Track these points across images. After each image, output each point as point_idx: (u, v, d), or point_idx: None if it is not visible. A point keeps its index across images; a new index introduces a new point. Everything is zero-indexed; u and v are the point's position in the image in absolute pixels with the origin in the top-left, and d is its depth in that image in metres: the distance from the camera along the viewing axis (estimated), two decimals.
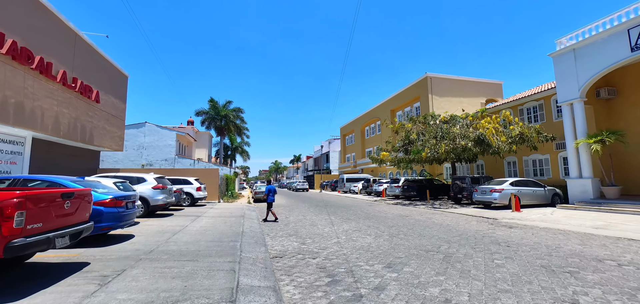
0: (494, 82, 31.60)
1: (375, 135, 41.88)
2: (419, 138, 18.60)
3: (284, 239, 8.07)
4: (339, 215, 13.42)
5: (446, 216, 12.60)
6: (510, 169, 20.14)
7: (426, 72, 29.08)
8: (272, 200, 11.48)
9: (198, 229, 8.88)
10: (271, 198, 11.41)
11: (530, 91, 19.76)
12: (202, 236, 7.79)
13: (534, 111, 18.68)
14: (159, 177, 12.08)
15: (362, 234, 8.75)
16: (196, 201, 17.14)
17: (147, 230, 8.54)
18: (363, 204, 19.07)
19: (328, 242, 7.66)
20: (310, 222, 11.33)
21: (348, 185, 34.31)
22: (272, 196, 11.39)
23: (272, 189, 11.53)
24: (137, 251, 6.00)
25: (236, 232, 8.61)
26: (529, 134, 15.78)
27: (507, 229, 9.38)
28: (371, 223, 10.84)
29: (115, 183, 8.87)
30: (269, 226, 10.59)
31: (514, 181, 14.72)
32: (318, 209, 16.16)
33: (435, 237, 8.15)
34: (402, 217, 12.35)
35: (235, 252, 6.17)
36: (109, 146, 17.07)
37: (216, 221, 10.85)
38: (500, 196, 14.11)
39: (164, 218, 11.24)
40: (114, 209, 6.55)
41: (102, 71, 16.17)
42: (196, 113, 39.63)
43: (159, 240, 7.13)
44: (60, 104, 12.52)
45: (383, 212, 14.30)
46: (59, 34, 12.53)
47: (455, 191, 17.75)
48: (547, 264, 5.46)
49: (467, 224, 10.35)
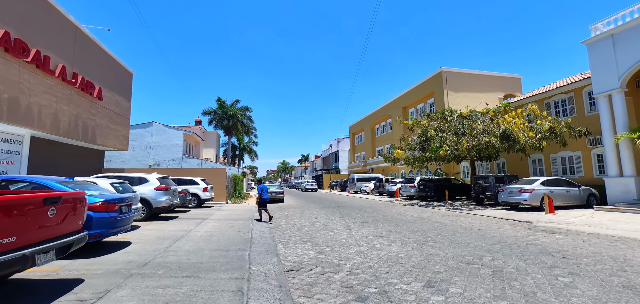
0: (512, 76, 30.08)
1: (386, 133, 40.67)
2: (437, 134, 17.45)
3: (299, 247, 7.14)
4: (354, 217, 12.44)
5: (473, 219, 11.48)
6: (535, 168, 18.80)
7: (441, 66, 27.81)
8: (265, 199, 10.95)
9: (202, 235, 8.02)
10: (265, 196, 10.92)
11: (558, 83, 18.39)
12: (206, 244, 6.92)
13: (563, 105, 17.32)
14: (162, 177, 11.31)
15: (386, 240, 7.75)
16: (203, 202, 16.39)
17: (146, 236, 7.72)
18: (378, 205, 18.03)
19: (349, 251, 6.70)
20: (324, 225, 10.38)
21: (359, 185, 33.24)
22: (265, 195, 10.92)
23: (264, 189, 10.97)
24: (129, 264, 5.14)
25: (244, 238, 7.72)
26: (560, 129, 14.48)
27: (549, 234, 8.26)
28: (392, 227, 9.83)
29: (113, 184, 8.09)
30: (280, 230, 9.69)
31: (545, 180, 13.49)
32: (330, 211, 15.21)
33: (471, 245, 7.10)
34: (424, 220, 11.29)
35: (244, 265, 5.26)
36: (113, 145, 16.44)
37: (223, 224, 10.00)
38: (530, 197, 12.90)
39: (167, 221, 10.46)
40: (106, 214, 5.71)
41: (105, 67, 15.53)
42: (204, 112, 39.14)
43: (158, 249, 6.27)
44: (60, 101, 11.87)
45: (401, 214, 13.25)
46: (57, 26, 11.88)
47: (477, 191, 16.55)
48: (629, 284, 4.38)
49: (500, 229, 9.24)
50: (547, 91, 17.96)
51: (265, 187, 11.04)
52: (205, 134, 44.35)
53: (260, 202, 10.89)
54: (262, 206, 10.94)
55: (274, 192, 22.41)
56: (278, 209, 17.22)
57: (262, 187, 10.94)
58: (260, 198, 10.88)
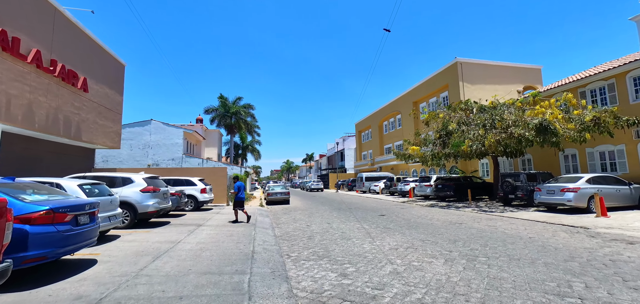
0: (532, 67, 28.17)
1: (395, 130, 38.90)
2: (459, 128, 15.72)
3: (314, 266, 5.53)
4: (372, 222, 10.80)
5: (513, 224, 9.78)
6: (568, 164, 16.98)
7: (456, 57, 26.01)
8: (242, 198, 10.38)
9: (192, 248, 6.44)
10: (241, 196, 10.32)
11: (594, 69, 16.53)
12: (194, 263, 5.34)
13: (602, 93, 15.48)
14: (150, 177, 9.77)
15: (422, 254, 6.11)
16: (201, 205, 14.86)
17: (121, 250, 6.16)
18: (393, 207, 16.36)
19: (380, 271, 5.07)
20: (340, 233, 8.75)
21: (368, 184, 31.52)
22: (241, 193, 10.33)
23: (242, 186, 10.38)
24: (75, 302, 3.57)
25: (244, 253, 6.12)
26: (605, 120, 12.68)
27: (627, 245, 6.55)
28: (421, 235, 8.18)
29: (82, 186, 6.54)
30: (288, 239, 8.09)
31: (591, 177, 11.73)
32: (342, 214, 13.58)
33: (539, 262, 5.44)
34: (456, 226, 9.62)
35: (242, 301, 3.66)
36: (103, 142, 14.97)
37: (220, 232, 8.43)
38: (575, 197, 11.15)
39: (155, 228, 8.91)
40: (51, 227, 4.15)
41: (92, 57, 14.05)
42: (205, 111, 37.70)
43: (127, 273, 4.71)
44: (35, 91, 10.38)
45: (424, 218, 11.58)
46: (30, 5, 10.38)
47: (506, 190, 14.80)
48: None
49: (555, 237, 7.55)
50: (581, 78, 16.13)
51: (242, 185, 10.45)
52: (207, 133, 42.95)
53: (236, 202, 10.24)
54: (237, 206, 10.29)
55: (279, 192, 20.83)
56: (284, 211, 15.64)
57: (239, 186, 10.29)
58: (235, 197, 10.23)
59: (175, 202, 11.45)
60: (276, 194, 20.72)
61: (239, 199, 10.24)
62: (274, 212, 15.42)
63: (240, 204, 10.32)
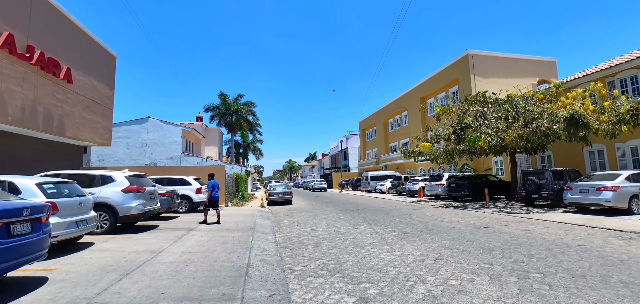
0: (546, 59, 26.81)
1: (401, 127, 37.63)
2: (476, 122, 14.47)
3: (323, 283, 4.35)
4: (386, 225, 9.61)
5: (545, 227, 8.55)
6: (593, 161, 15.67)
7: (467, 48, 24.71)
8: (216, 198, 9.74)
9: (174, 261, 5.29)
10: (215, 195, 9.73)
11: (625, 56, 15.21)
12: (172, 281, 4.18)
13: (634, 82, 14.14)
14: (134, 175, 8.65)
15: (456, 268, 4.91)
16: (197, 206, 13.73)
17: (86, 263, 5.02)
18: (404, 208, 15.15)
19: (411, 294, 3.89)
20: (350, 239, 7.57)
21: (373, 184, 30.29)
22: (215, 193, 9.75)
23: (216, 185, 9.79)
24: None
25: (237, 266, 4.96)
26: None
27: None
28: (447, 242, 6.97)
29: (43, 185, 5.40)
30: (291, 247, 6.92)
31: (631, 174, 10.46)
32: (350, 216, 12.39)
33: (611, 279, 4.23)
34: (482, 230, 8.40)
35: None
36: (91, 138, 13.89)
37: (212, 238, 7.27)
38: (615, 196, 9.90)
39: (138, 234, 7.78)
40: None
41: (78, 46, 12.96)
42: (205, 108, 36.62)
43: (77, 299, 3.55)
44: (7, 79, 9.28)
45: (442, 220, 10.36)
46: None
47: (529, 189, 13.54)
48: None
49: (610, 245, 6.33)
50: (609, 67, 14.79)
51: (216, 184, 9.85)
52: (207, 131, 41.90)
53: (210, 202, 9.62)
54: (211, 206, 9.70)
55: (281, 192, 19.68)
56: (286, 213, 14.48)
57: (213, 184, 9.74)
58: (209, 196, 9.59)
59: (165, 203, 10.33)
60: (278, 194, 19.59)
61: (213, 199, 9.67)
62: (276, 213, 14.27)
63: (214, 204, 9.74)
